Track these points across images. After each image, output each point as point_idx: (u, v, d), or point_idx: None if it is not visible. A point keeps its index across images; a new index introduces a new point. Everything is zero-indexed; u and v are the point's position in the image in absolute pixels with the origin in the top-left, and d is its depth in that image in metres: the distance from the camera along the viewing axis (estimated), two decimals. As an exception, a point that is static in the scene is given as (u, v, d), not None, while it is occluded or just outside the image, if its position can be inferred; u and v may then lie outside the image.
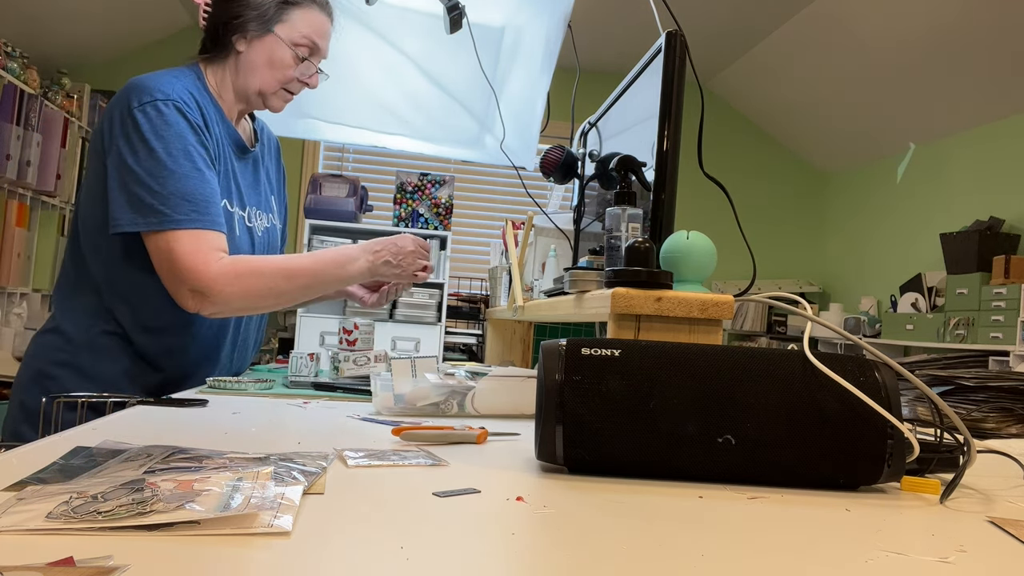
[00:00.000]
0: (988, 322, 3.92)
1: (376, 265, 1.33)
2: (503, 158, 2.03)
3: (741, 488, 0.69)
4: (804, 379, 0.70)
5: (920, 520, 0.61)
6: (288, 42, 1.33)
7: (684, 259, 0.97)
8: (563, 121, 2.20)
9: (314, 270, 1.30)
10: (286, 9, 1.33)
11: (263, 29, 1.32)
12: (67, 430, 0.84)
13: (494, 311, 2.06)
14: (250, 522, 0.48)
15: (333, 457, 0.73)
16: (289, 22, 1.33)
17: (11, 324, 3.94)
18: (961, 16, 3.83)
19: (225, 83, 1.36)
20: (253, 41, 1.33)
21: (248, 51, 1.33)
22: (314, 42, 1.36)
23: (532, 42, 2.09)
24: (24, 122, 3.94)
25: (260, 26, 1.32)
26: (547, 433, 0.70)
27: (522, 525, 0.54)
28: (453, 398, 1.11)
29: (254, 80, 1.34)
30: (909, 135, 4.84)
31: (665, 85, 1.07)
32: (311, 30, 1.35)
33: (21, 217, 4.03)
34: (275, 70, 1.34)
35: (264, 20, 1.32)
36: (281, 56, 1.34)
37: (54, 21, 4.35)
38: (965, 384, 1.25)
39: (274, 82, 1.35)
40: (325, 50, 1.40)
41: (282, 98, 1.39)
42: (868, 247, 5.43)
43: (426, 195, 4.09)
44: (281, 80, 1.36)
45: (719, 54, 5.20)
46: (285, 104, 1.41)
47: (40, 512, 0.48)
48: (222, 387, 1.27)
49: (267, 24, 1.32)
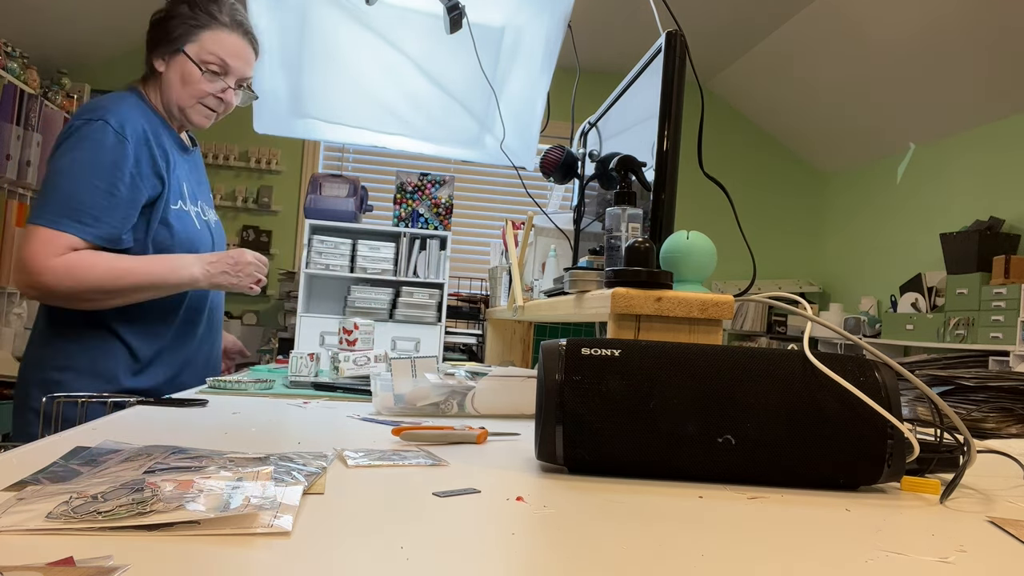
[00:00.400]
0: (988, 322, 3.92)
1: (213, 274, 1.41)
2: (503, 158, 2.03)
3: (741, 488, 0.69)
4: (804, 379, 0.70)
5: (920, 520, 0.61)
6: (196, 59, 1.46)
7: (684, 259, 0.97)
8: (563, 121, 2.20)
9: (146, 270, 1.36)
10: (194, 31, 1.46)
11: (173, 48, 1.45)
12: (67, 430, 0.84)
13: (494, 311, 2.06)
14: (250, 522, 0.48)
15: (333, 457, 0.73)
16: (198, 42, 1.46)
17: (11, 324, 3.94)
18: (961, 16, 3.83)
19: (158, 100, 1.50)
20: (168, 60, 1.46)
21: (166, 71, 1.47)
22: (222, 59, 1.47)
23: (532, 42, 2.09)
24: (24, 122, 3.94)
25: (170, 45, 1.45)
26: (547, 433, 0.70)
27: (522, 525, 0.54)
28: (453, 398, 1.11)
29: (172, 95, 1.47)
30: (909, 135, 4.84)
31: (665, 85, 1.07)
32: (219, 48, 1.47)
33: (21, 217, 4.03)
34: (187, 85, 1.46)
35: (173, 39, 1.45)
36: (190, 71, 1.46)
37: (54, 21, 4.35)
38: (965, 384, 1.25)
39: (188, 96, 1.47)
40: (241, 70, 1.52)
41: (202, 113, 1.50)
42: (868, 247, 5.43)
43: (426, 195, 4.09)
44: (194, 94, 1.47)
45: (719, 54, 5.20)
46: (208, 121, 1.52)
47: (40, 512, 0.48)
48: (222, 387, 1.27)
49: (176, 43, 1.45)
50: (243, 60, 1.51)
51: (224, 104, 1.52)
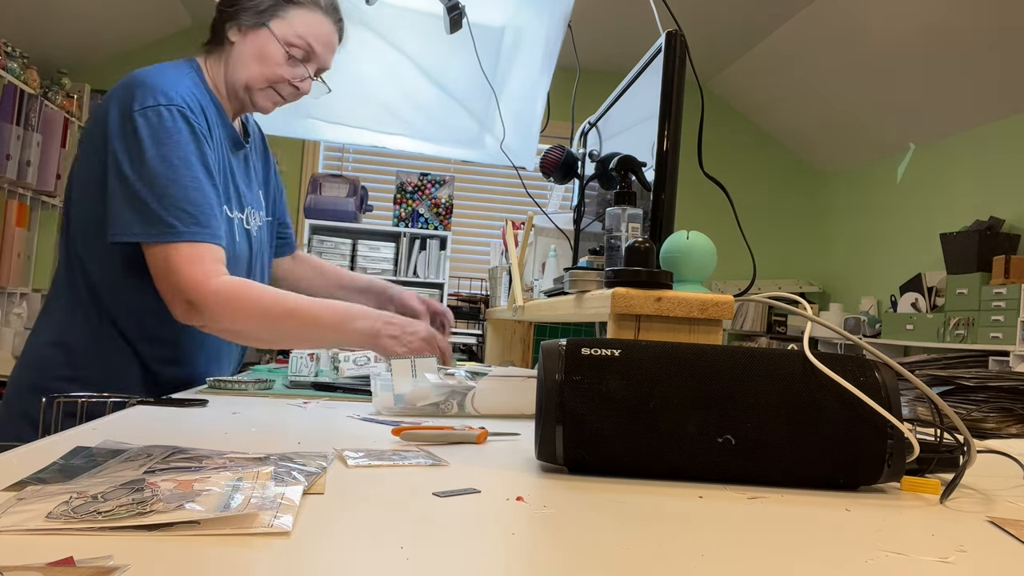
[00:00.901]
0: (988, 322, 3.92)
1: (382, 336, 1.21)
2: (503, 158, 2.03)
3: (741, 488, 0.69)
4: (804, 379, 0.70)
5: (920, 520, 0.61)
6: (281, 39, 1.29)
7: (684, 259, 0.97)
8: (563, 121, 2.20)
9: (316, 315, 1.20)
10: (285, 6, 1.29)
11: (257, 21, 1.28)
12: (67, 430, 0.84)
13: (494, 311, 2.06)
14: (250, 522, 0.48)
15: (333, 457, 0.73)
16: (286, 19, 1.29)
17: (11, 324, 3.94)
18: (961, 16, 3.83)
19: (220, 76, 1.33)
20: (247, 33, 1.29)
21: (240, 42, 1.29)
22: (310, 45, 1.31)
23: (532, 42, 2.09)
24: (24, 122, 3.94)
25: (254, 17, 1.28)
26: (547, 433, 0.70)
27: (522, 525, 0.54)
28: (453, 398, 1.11)
29: (242, 73, 1.30)
30: (909, 135, 4.84)
31: (665, 85, 1.07)
32: (308, 32, 1.31)
33: (21, 217, 4.03)
34: (263, 65, 1.29)
35: (259, 12, 1.28)
36: (271, 52, 1.29)
37: (54, 21, 4.35)
38: (965, 384, 1.25)
39: (261, 78, 1.30)
40: (324, 59, 1.36)
41: (270, 98, 1.34)
42: (868, 247, 5.43)
43: (426, 195, 4.09)
44: (269, 77, 1.31)
45: (719, 54, 5.20)
46: (274, 106, 1.36)
47: (40, 512, 0.48)
48: (222, 387, 1.26)
49: (262, 16, 1.28)
50: (330, 49, 1.35)
51: (298, 93, 1.35)
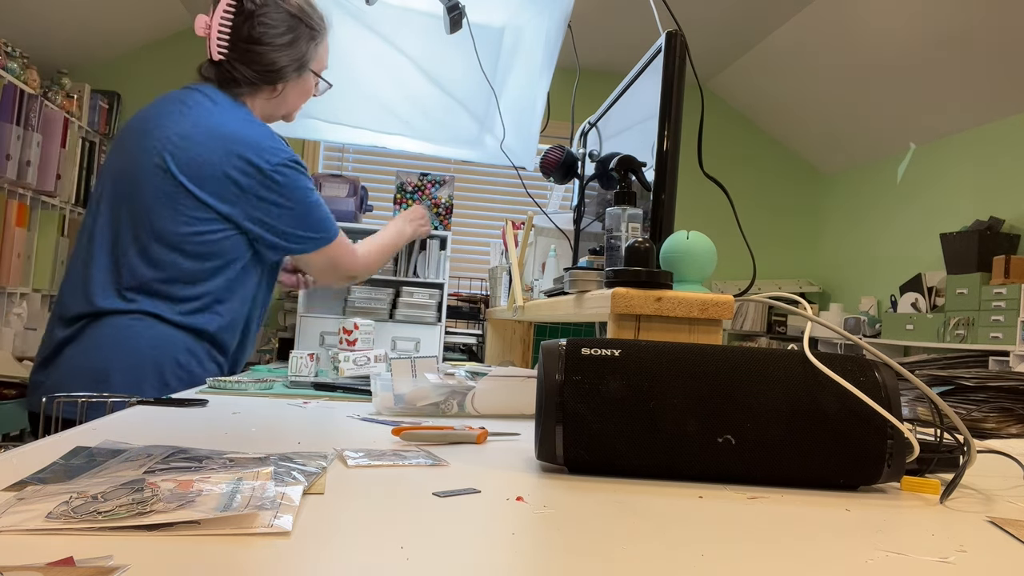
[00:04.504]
0: (988, 322, 3.92)
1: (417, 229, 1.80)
2: (503, 158, 2.03)
3: (741, 488, 0.69)
4: (804, 379, 0.70)
5: (920, 520, 0.61)
6: (317, 72, 1.53)
7: (684, 259, 0.97)
8: (563, 121, 2.20)
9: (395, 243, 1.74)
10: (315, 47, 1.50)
11: (303, 71, 1.50)
12: (67, 430, 0.84)
13: (494, 311, 2.06)
14: (250, 522, 0.48)
15: (333, 457, 0.73)
16: (317, 57, 1.52)
17: (11, 324, 3.94)
18: (961, 16, 3.83)
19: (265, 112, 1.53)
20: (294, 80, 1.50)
21: (288, 88, 1.50)
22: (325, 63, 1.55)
23: (532, 42, 2.09)
24: (24, 122, 3.93)
25: (299, 69, 1.49)
26: (547, 433, 0.70)
27: (522, 525, 0.54)
28: (453, 398, 1.11)
29: (285, 108, 1.54)
30: (909, 135, 4.84)
31: (665, 85, 1.07)
32: (326, 55, 1.55)
33: (21, 217, 4.03)
34: (303, 96, 1.55)
35: (303, 64, 1.49)
36: (311, 85, 1.54)
37: (54, 21, 4.34)
38: (965, 384, 1.25)
39: (299, 105, 1.56)
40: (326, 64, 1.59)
41: None
42: (868, 247, 5.42)
43: (426, 195, 4.09)
44: (304, 101, 1.56)
45: (719, 54, 5.20)
46: None
47: (40, 512, 0.48)
48: (222, 387, 1.27)
49: (305, 67, 1.50)
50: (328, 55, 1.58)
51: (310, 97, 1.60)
